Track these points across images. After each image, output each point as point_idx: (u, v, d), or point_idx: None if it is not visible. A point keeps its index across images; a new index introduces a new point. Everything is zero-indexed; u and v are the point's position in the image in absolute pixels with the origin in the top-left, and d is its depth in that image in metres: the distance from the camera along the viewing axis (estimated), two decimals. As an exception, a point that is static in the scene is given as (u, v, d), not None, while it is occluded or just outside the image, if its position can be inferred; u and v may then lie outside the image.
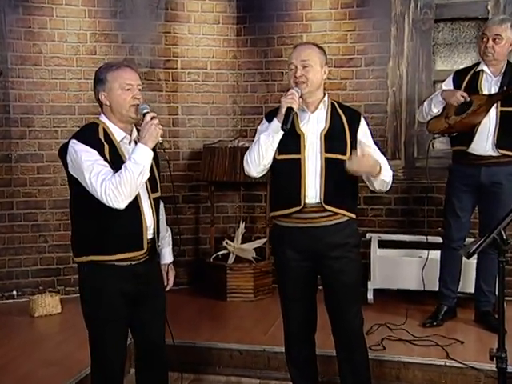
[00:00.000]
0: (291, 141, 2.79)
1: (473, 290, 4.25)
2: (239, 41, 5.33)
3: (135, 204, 2.55)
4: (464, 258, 3.98)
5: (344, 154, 2.80)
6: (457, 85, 3.99)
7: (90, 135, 2.56)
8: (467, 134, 3.90)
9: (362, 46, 5.10)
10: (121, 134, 2.61)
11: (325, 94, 2.88)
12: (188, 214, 5.29)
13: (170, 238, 2.91)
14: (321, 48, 2.88)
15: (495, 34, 3.77)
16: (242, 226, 5.07)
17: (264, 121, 2.91)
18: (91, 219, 2.55)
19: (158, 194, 2.72)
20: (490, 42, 3.78)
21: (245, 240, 5.11)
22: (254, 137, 2.96)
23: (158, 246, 2.77)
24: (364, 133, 2.92)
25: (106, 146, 2.53)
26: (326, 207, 2.78)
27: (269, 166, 2.83)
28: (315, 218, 2.79)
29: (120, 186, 2.43)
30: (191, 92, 5.27)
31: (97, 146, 2.51)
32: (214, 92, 5.32)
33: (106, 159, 2.51)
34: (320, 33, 5.14)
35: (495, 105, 3.81)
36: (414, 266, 4.47)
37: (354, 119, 2.90)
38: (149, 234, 2.63)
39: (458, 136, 3.97)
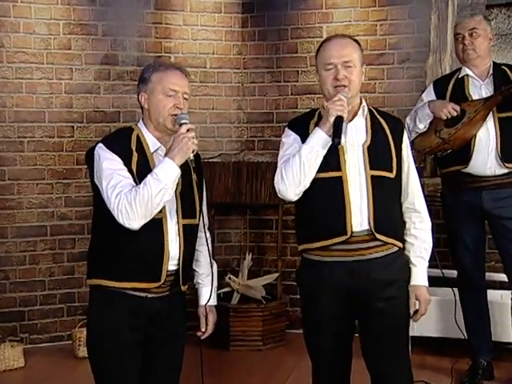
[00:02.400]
0: (328, 155, 2.70)
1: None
2: (245, 33, 5.28)
3: (159, 228, 2.60)
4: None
5: (390, 171, 2.76)
6: (440, 95, 4.00)
7: (120, 141, 2.65)
8: (462, 150, 3.87)
9: (395, 38, 5.02)
10: (155, 145, 2.68)
11: (362, 99, 2.84)
12: (182, 244, 5.18)
13: (215, 276, 2.89)
14: (358, 42, 2.85)
15: (469, 28, 3.87)
16: (249, 257, 5.01)
17: (289, 132, 2.84)
18: (106, 236, 2.62)
19: (193, 221, 2.73)
20: (467, 37, 3.87)
21: (252, 275, 5.03)
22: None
23: (198, 283, 2.86)
24: (406, 146, 2.87)
25: (136, 155, 2.61)
26: (378, 236, 2.70)
27: (308, 186, 2.74)
28: (362, 249, 2.72)
29: (134, 203, 2.47)
30: (187, 95, 5.23)
31: (124, 155, 2.59)
32: (214, 95, 5.27)
33: (130, 170, 2.58)
34: (343, 23, 5.06)
35: (490, 114, 3.85)
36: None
37: (397, 128, 2.85)
38: (171, 264, 2.63)
39: (451, 155, 3.94)
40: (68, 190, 4.90)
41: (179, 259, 2.65)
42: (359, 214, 2.70)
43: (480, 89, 3.91)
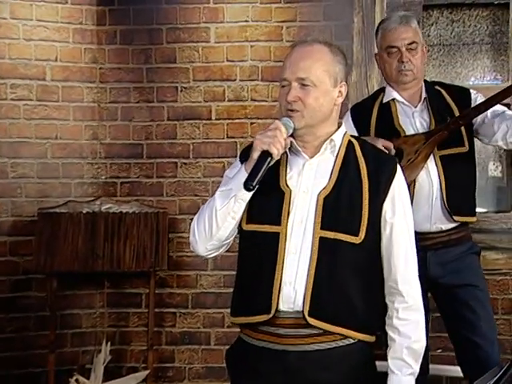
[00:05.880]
0: (269, 202, 2.61)
1: None
2: (102, 33, 4.85)
3: None
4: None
5: (354, 233, 2.55)
6: (361, 126, 3.75)
7: None
8: None
9: (307, 46, 4.72)
10: None
11: (338, 127, 2.65)
12: (8, 332, 4.69)
13: None
14: (339, 51, 2.63)
15: (409, 41, 3.59)
16: (106, 349, 4.58)
17: (237, 162, 2.80)
18: None
19: None
20: (406, 53, 3.60)
21: (110, 375, 4.60)
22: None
23: None
24: (393, 201, 2.57)
25: None
26: (310, 320, 2.51)
27: (229, 241, 2.68)
28: (293, 336, 2.54)
29: None
30: (18, 119, 4.75)
31: None
32: (57, 119, 4.78)
33: None
34: (238, 24, 4.74)
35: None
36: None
37: (381, 173, 2.61)
38: None
39: None
40: None
41: None
42: (292, 289, 2.53)
43: (413, 118, 3.65)
